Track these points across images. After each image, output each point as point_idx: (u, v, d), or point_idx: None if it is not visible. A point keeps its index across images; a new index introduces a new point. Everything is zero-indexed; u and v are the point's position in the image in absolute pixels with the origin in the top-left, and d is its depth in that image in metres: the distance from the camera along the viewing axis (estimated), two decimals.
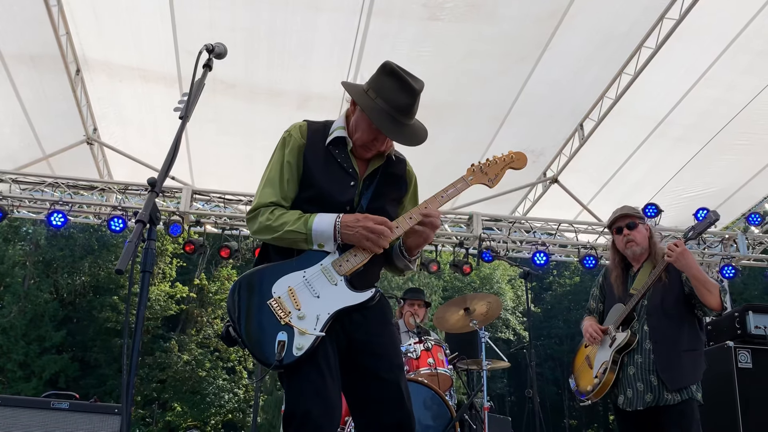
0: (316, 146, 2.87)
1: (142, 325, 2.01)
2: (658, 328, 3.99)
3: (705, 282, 3.84)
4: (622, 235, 4.17)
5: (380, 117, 2.73)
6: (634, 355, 4.02)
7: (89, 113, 8.17)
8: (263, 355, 2.58)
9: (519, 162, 3.09)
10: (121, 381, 1.91)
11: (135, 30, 7.15)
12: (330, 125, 2.94)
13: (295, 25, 6.97)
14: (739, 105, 7.97)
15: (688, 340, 3.97)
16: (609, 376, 4.06)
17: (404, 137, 2.79)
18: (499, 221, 9.49)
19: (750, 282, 24.84)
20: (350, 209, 2.81)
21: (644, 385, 3.93)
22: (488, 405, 5.62)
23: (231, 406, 25.31)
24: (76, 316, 27.02)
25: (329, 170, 2.84)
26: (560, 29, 7.02)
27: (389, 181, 2.97)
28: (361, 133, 2.82)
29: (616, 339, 4.09)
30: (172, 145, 2.26)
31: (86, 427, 5.01)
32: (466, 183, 2.97)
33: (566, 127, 8.60)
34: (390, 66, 2.83)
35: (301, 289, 2.69)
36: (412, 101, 2.79)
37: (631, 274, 4.25)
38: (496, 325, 29.12)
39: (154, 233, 2.07)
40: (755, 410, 5.10)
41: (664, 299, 4.01)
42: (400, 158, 3.05)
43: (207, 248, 8.81)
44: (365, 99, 2.78)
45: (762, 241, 9.77)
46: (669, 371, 3.87)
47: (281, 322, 2.61)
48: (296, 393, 2.60)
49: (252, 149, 8.55)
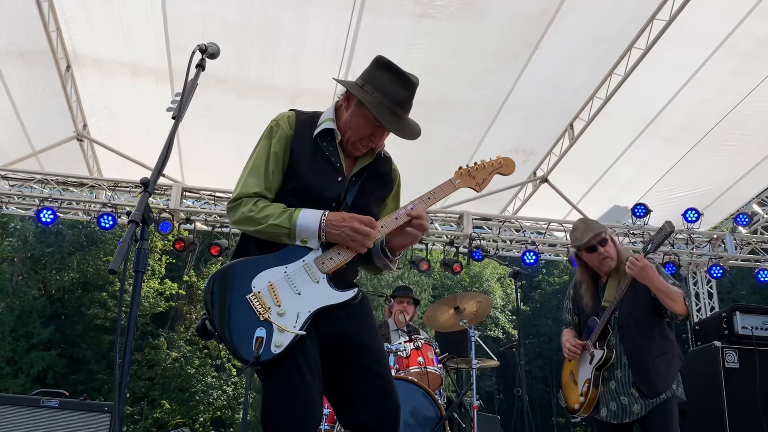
0: (303, 138, 2.82)
1: (135, 324, 2.01)
2: (630, 339, 4.05)
3: (668, 293, 3.91)
4: (597, 253, 4.16)
5: (381, 110, 2.70)
6: (615, 370, 4.07)
7: (79, 109, 8.13)
8: (240, 351, 2.50)
9: (507, 168, 3.08)
10: (112, 379, 1.92)
11: (126, 25, 7.12)
12: (318, 116, 2.89)
13: (287, 21, 6.96)
14: (728, 106, 8.03)
15: (659, 345, 4.03)
16: (593, 393, 4.12)
17: (404, 131, 2.77)
18: (490, 220, 9.52)
19: (738, 282, 25.00)
20: (336, 205, 2.76)
21: (628, 398, 3.99)
22: (477, 404, 5.65)
23: (220, 404, 25.23)
24: (64, 313, 26.86)
25: (316, 164, 2.79)
26: (551, 29, 7.04)
27: (376, 179, 2.93)
28: (357, 129, 2.77)
29: (594, 356, 4.14)
30: (165, 145, 2.26)
31: (76, 425, 4.99)
32: (454, 186, 2.96)
33: (556, 126, 8.63)
34: (384, 60, 2.82)
35: (281, 285, 2.62)
36: (410, 94, 2.78)
37: (600, 285, 4.28)
38: (485, 324, 29.15)
39: (146, 233, 2.07)
40: (742, 410, 5.14)
41: (633, 310, 4.06)
42: (386, 156, 3.02)
43: (197, 246, 8.79)
44: (363, 93, 2.73)
45: (750, 241, 9.85)
46: (646, 381, 3.94)
47: (260, 317, 2.54)
48: (274, 391, 2.55)
49: (243, 145, 8.45)
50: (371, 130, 2.76)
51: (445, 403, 5.47)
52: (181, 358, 25.09)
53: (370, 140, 2.80)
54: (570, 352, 4.25)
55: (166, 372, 24.75)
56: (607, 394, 4.09)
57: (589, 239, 4.14)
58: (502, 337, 30.18)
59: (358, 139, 2.79)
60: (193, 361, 25.18)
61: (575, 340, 4.26)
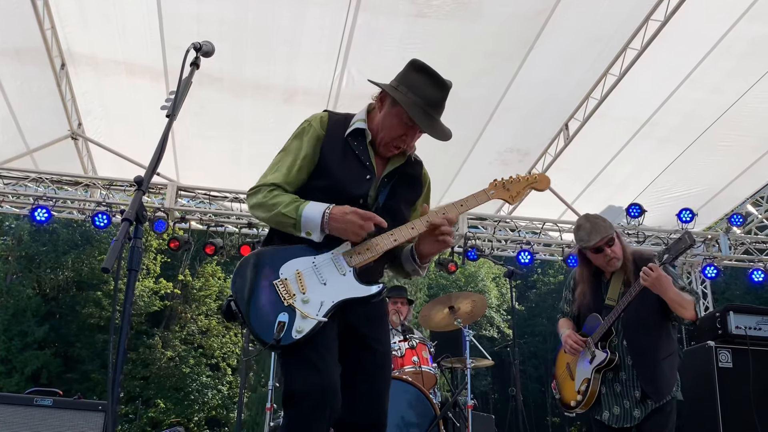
0: (334, 138, 2.86)
1: (128, 323, 2.00)
2: (636, 341, 3.98)
3: (681, 302, 3.85)
4: (604, 254, 4.05)
5: (415, 110, 2.74)
6: (619, 372, 4.01)
7: (74, 108, 8.11)
8: (260, 333, 2.55)
9: (541, 184, 3.08)
10: (106, 378, 1.91)
11: (121, 24, 7.10)
12: (350, 118, 2.94)
13: (283, 19, 6.95)
14: (723, 107, 8.05)
15: (665, 347, 3.99)
16: (591, 393, 4.06)
17: (437, 132, 2.81)
18: (485, 220, 9.53)
19: (732, 282, 25.07)
20: (363, 203, 2.80)
21: (630, 402, 3.94)
22: (472, 403, 5.66)
23: (215, 403, 25.23)
24: (58, 312, 26.81)
25: (346, 162, 2.83)
26: (546, 29, 7.05)
27: (406, 181, 2.97)
28: (390, 129, 2.82)
29: (596, 357, 4.07)
30: (159, 144, 2.26)
31: (70, 424, 4.97)
32: (487, 196, 2.96)
33: (551, 126, 8.64)
34: (419, 62, 2.87)
35: (308, 274, 2.68)
36: (443, 95, 2.84)
37: (603, 280, 4.21)
38: (480, 323, 29.20)
39: (140, 232, 2.07)
40: (735, 410, 5.15)
41: (639, 311, 3.98)
42: (417, 160, 3.06)
43: (192, 245, 8.78)
44: (398, 93, 2.77)
45: (744, 241, 9.87)
46: (653, 384, 3.89)
47: (284, 303, 2.59)
48: (294, 373, 2.59)
49: (238, 144, 8.54)
50: (404, 130, 2.81)
51: (439, 403, 5.48)
52: (176, 357, 25.07)
53: (402, 140, 2.84)
54: (572, 349, 4.18)
55: (161, 371, 24.74)
56: (611, 397, 4.04)
57: (596, 242, 4.03)
58: (498, 337, 30.21)
59: (391, 140, 2.83)
60: (188, 361, 25.16)
61: (577, 336, 4.18)
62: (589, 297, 4.20)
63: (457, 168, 8.95)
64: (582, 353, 4.17)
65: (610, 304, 4.05)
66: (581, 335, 4.19)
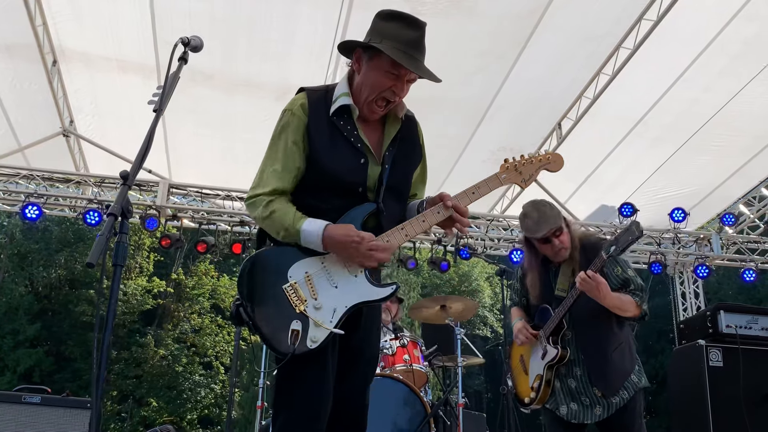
0: (319, 121, 2.67)
1: (113, 319, 1.99)
2: (584, 336, 3.86)
3: (620, 306, 3.73)
4: (551, 244, 3.89)
5: (397, 53, 2.52)
6: (573, 368, 3.88)
7: (66, 105, 8.07)
8: (274, 343, 2.46)
9: (555, 164, 2.90)
10: (91, 375, 1.90)
11: (113, 20, 7.07)
12: (332, 91, 2.74)
13: (275, 17, 6.93)
14: (715, 107, 8.06)
15: (614, 338, 3.85)
16: (544, 390, 3.93)
17: (425, 72, 2.60)
18: (477, 219, 9.53)
19: (725, 282, 25.12)
20: (362, 191, 2.66)
21: (589, 399, 3.80)
22: (463, 401, 5.65)
23: (207, 402, 25.17)
24: (51, 310, 26.71)
25: (336, 149, 2.65)
26: (539, 28, 7.05)
27: (407, 148, 2.80)
28: (374, 85, 2.61)
29: (547, 352, 3.93)
30: (145, 139, 2.24)
31: (58, 422, 4.97)
32: (500, 181, 2.80)
33: (544, 125, 8.64)
34: (385, 10, 2.67)
35: (319, 277, 2.56)
36: (420, 33, 2.62)
37: (552, 269, 4.04)
38: (473, 323, 29.19)
39: (126, 227, 2.05)
40: (726, 408, 5.16)
41: (588, 304, 3.80)
42: (410, 116, 2.85)
43: (184, 243, 8.75)
44: (373, 44, 2.58)
45: (736, 241, 9.90)
46: (603, 380, 3.77)
47: (296, 309, 2.49)
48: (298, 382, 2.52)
49: (230, 141, 8.52)
50: (390, 81, 2.60)
51: (430, 401, 5.48)
52: (169, 356, 25.00)
53: (391, 93, 2.62)
54: (522, 342, 4.05)
55: (154, 370, 24.67)
56: (566, 393, 3.90)
57: (544, 233, 3.87)
58: (491, 336, 30.21)
59: (377, 96, 2.62)
60: (181, 359, 25.09)
61: (528, 331, 4.02)
62: (539, 287, 4.05)
63: (450, 166, 8.95)
64: (535, 346, 4.04)
65: (561, 295, 3.91)
66: (533, 327, 4.05)
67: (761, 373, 5.34)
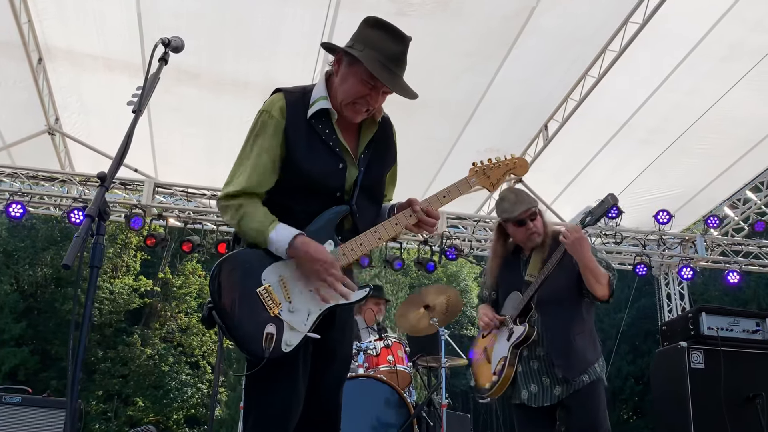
0: (297, 123, 2.63)
1: (89, 320, 1.98)
2: (550, 315, 3.81)
3: (594, 272, 3.70)
4: (525, 227, 3.87)
5: (374, 65, 2.51)
6: (536, 348, 3.82)
7: (51, 103, 8.03)
8: (249, 347, 2.43)
9: (520, 169, 3.00)
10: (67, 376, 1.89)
11: (99, 18, 7.04)
12: (309, 93, 2.70)
13: (263, 16, 6.93)
14: (700, 110, 8.12)
15: (578, 323, 3.83)
16: (508, 372, 3.85)
17: (401, 88, 2.59)
18: (464, 219, 9.54)
19: (710, 283, 25.24)
20: (340, 195, 2.65)
21: (550, 379, 3.77)
22: (446, 402, 5.65)
23: (194, 401, 25.07)
24: (37, 308, 26.54)
25: (314, 153, 2.62)
26: (526, 29, 7.07)
27: (382, 150, 2.80)
28: (349, 90, 2.59)
29: (513, 332, 3.86)
30: (124, 139, 2.24)
31: (38, 422, 4.94)
32: (470, 185, 2.85)
33: (531, 127, 8.67)
34: (373, 18, 2.66)
35: (293, 281, 2.53)
36: (403, 49, 2.61)
37: (523, 258, 4.01)
38: (461, 323, 29.28)
39: (102, 228, 2.04)
40: (706, 410, 5.19)
41: (557, 286, 3.79)
42: (386, 118, 2.84)
43: (170, 242, 8.72)
44: (354, 51, 2.56)
45: (720, 243, 9.96)
46: (565, 358, 3.73)
47: (270, 313, 2.46)
48: (271, 387, 2.51)
49: (216, 141, 8.49)
50: (365, 90, 2.57)
51: (414, 402, 5.48)
52: (156, 355, 24.89)
53: (365, 101, 2.60)
54: (486, 325, 3.99)
55: (140, 369, 24.54)
56: (528, 375, 3.85)
57: (520, 213, 3.85)
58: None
59: (352, 101, 2.60)
60: (168, 359, 24.99)
61: (493, 314, 3.98)
62: (508, 276, 4.02)
63: (437, 167, 8.96)
64: (500, 333, 3.98)
65: (530, 281, 3.86)
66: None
67: (742, 375, 5.37)
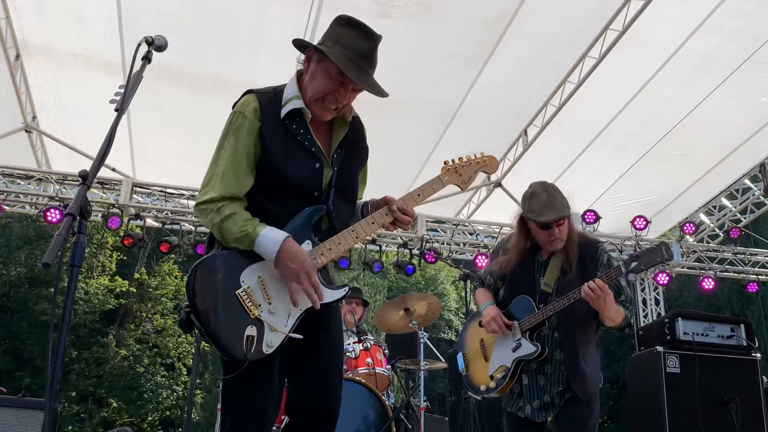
0: (271, 124, 2.61)
1: (69, 320, 1.96)
2: (569, 337, 3.67)
3: (613, 319, 3.60)
4: (549, 231, 3.66)
5: (343, 61, 2.51)
6: (545, 365, 3.69)
7: (28, 100, 7.95)
8: (229, 349, 2.40)
9: (490, 167, 3.06)
10: (45, 377, 1.87)
11: (79, 15, 6.98)
12: (281, 93, 2.68)
13: (244, 16, 6.91)
14: (677, 117, 8.22)
15: (592, 343, 3.78)
16: (508, 383, 3.73)
17: (370, 85, 2.59)
18: (444, 223, 9.58)
19: (685, 289, 25.51)
20: (318, 195, 2.64)
21: (550, 397, 3.67)
22: (424, 405, 5.66)
23: (169, 403, 24.88)
24: (10, 308, 26.19)
25: (290, 153, 2.60)
26: (507, 34, 7.11)
27: (354, 149, 2.80)
28: (318, 87, 2.58)
29: (521, 346, 3.71)
30: (106, 138, 2.21)
31: (13, 422, 4.85)
32: (442, 183, 2.89)
33: (511, 131, 8.72)
34: (344, 16, 2.67)
35: (272, 281, 2.51)
36: (373, 46, 2.63)
37: (539, 259, 3.82)
38: (439, 326, 29.33)
39: (83, 227, 2.02)
40: (681, 414, 5.24)
41: (577, 307, 3.60)
42: (356, 117, 2.84)
43: (147, 242, 8.65)
44: (324, 47, 2.56)
45: (696, 249, 10.09)
46: (581, 382, 3.62)
47: (251, 315, 2.44)
48: (249, 388, 2.50)
49: (196, 141, 8.43)
50: (335, 86, 2.57)
51: (392, 405, 5.48)
52: (130, 356, 24.66)
53: (334, 98, 2.59)
54: (491, 330, 3.77)
55: (115, 370, 24.31)
56: (534, 390, 3.71)
57: (549, 220, 3.64)
58: (456, 340, 30.32)
59: (321, 97, 2.59)
60: (143, 360, 24.77)
61: (501, 319, 3.75)
62: (521, 275, 3.82)
63: (419, 168, 8.96)
64: (504, 336, 3.79)
65: (546, 291, 3.71)
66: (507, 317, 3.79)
67: (717, 380, 5.43)
